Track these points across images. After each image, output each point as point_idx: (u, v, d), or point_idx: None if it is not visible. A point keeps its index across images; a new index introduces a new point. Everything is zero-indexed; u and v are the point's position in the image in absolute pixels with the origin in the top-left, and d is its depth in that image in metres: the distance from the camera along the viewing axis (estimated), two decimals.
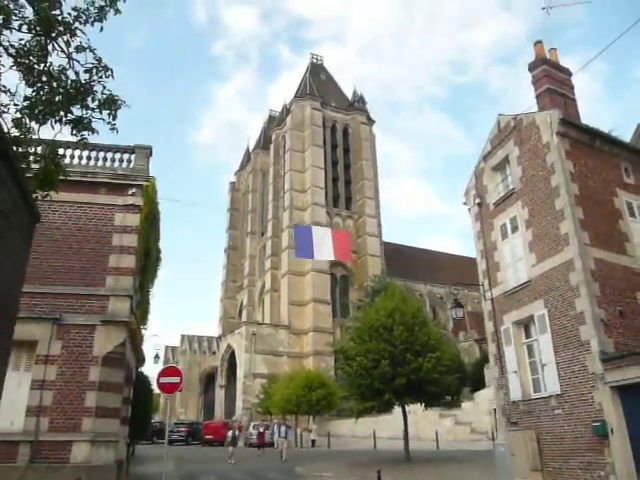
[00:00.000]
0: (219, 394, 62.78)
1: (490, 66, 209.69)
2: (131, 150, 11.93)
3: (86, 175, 11.28)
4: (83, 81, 5.93)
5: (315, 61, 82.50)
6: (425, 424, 36.62)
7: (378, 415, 45.98)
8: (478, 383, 39.84)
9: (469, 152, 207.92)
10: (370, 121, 77.00)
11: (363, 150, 72.64)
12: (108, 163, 11.75)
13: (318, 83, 75.90)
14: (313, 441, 29.51)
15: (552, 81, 13.28)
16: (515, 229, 13.30)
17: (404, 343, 18.01)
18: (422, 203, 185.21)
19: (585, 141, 12.39)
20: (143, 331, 14.27)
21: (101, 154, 11.80)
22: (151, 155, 11.99)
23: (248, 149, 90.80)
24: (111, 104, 5.89)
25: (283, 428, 20.67)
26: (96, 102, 5.92)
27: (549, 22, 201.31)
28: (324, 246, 12.52)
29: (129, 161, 11.85)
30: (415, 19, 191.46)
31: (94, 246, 10.94)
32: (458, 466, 16.72)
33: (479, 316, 60.28)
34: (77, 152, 11.65)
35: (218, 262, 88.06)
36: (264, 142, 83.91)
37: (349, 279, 66.69)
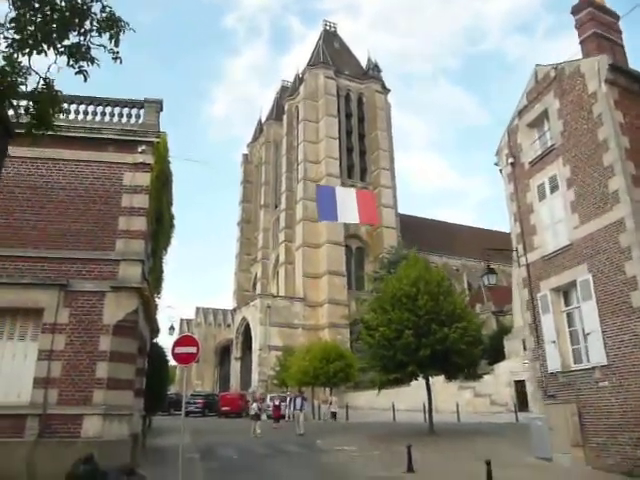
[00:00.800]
0: (235, 366, 62.90)
1: (506, 35, 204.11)
2: (140, 104, 11.03)
3: (92, 131, 10.43)
4: (79, 0, 5.03)
5: (328, 29, 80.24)
6: (444, 396, 36.12)
7: (397, 387, 45.94)
8: (497, 355, 39.20)
9: (483, 124, 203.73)
10: (385, 90, 75.04)
11: (378, 119, 70.95)
12: (115, 119, 10.88)
13: (332, 51, 73.90)
14: (334, 414, 28.71)
15: (598, 25, 12.06)
16: (555, 189, 12.27)
17: (429, 313, 17.19)
18: (436, 176, 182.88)
19: (635, 90, 11.24)
20: (157, 300, 13.62)
21: (108, 109, 10.92)
22: (162, 110, 11.07)
23: (260, 121, 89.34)
24: (112, 25, 4.98)
25: (299, 400, 19.68)
26: (95, 25, 5.01)
27: None
28: (348, 208, 11.61)
29: (138, 117, 10.97)
30: None
31: (102, 207, 10.15)
32: (485, 439, 16.04)
33: (496, 288, 59.28)
34: (82, 107, 10.79)
35: (232, 235, 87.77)
36: (277, 113, 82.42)
37: (364, 251, 65.90)
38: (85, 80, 5.16)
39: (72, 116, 10.71)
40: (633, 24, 14.21)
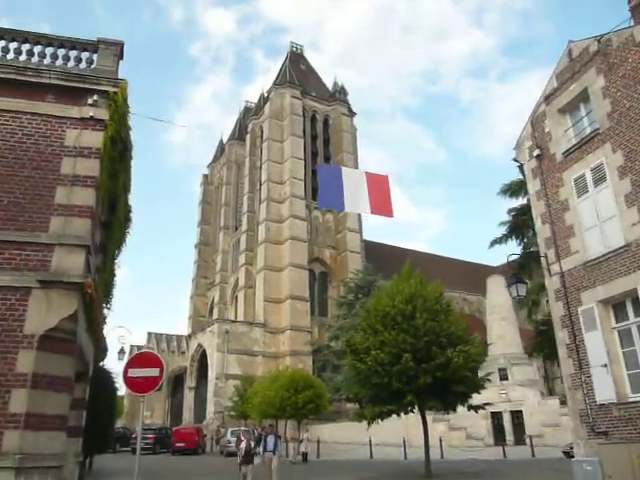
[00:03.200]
0: (188, 397, 58.58)
1: (462, 78, 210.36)
2: (93, 46, 8.36)
3: (25, 73, 7.71)
4: None
5: (295, 50, 79.11)
6: (417, 429, 33.45)
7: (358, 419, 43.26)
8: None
9: (439, 160, 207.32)
10: (351, 113, 73.98)
11: (344, 142, 69.57)
12: (59, 62, 8.20)
13: (298, 72, 72.54)
14: (305, 454, 24.03)
15: None
16: (600, 180, 10.23)
17: (428, 334, 14.81)
18: (395, 209, 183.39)
19: None
20: (105, 312, 10.74)
21: (49, 50, 8.23)
22: (122, 57, 8.49)
23: (222, 141, 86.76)
24: None
25: (271, 439, 15.31)
26: None
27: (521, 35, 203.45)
28: (357, 195, 9.28)
29: (90, 62, 8.33)
30: (390, 30, 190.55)
31: (33, 174, 7.34)
32: None
33: (469, 317, 57.55)
34: (14, 45, 8.07)
35: (189, 258, 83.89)
36: (239, 133, 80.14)
37: (328, 276, 63.50)
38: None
39: None
40: None
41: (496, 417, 33.86)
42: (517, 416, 33.04)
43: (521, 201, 38.93)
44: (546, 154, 11.68)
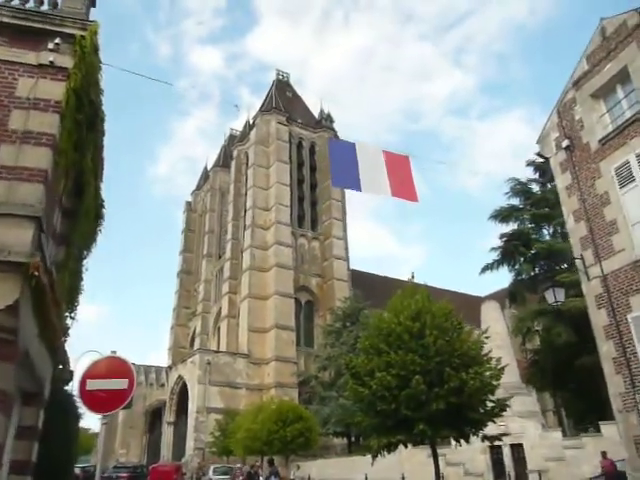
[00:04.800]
0: (167, 432, 55.44)
1: (442, 117, 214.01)
2: None
3: None
4: None
5: (281, 78, 78.85)
6: (412, 465, 31.52)
7: (353, 455, 40.80)
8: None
9: (421, 195, 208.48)
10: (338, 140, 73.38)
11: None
12: (16, 1, 6.66)
13: (284, 99, 72.06)
14: None
15: None
16: None
17: (440, 354, 13.14)
18: (376, 244, 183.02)
19: None
20: (69, 320, 8.94)
21: None
22: (94, 4, 7.00)
23: (206, 168, 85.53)
24: None
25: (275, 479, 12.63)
26: None
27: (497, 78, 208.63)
28: (375, 175, 7.82)
29: (55, 5, 6.80)
30: (371, 70, 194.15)
31: None
32: None
33: None
34: None
35: (169, 287, 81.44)
36: (224, 160, 79.07)
37: (314, 305, 61.57)
38: None
39: None
40: None
41: (495, 451, 31.87)
42: (517, 450, 31.06)
43: (512, 226, 38.10)
44: (577, 144, 10.37)
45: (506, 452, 30.92)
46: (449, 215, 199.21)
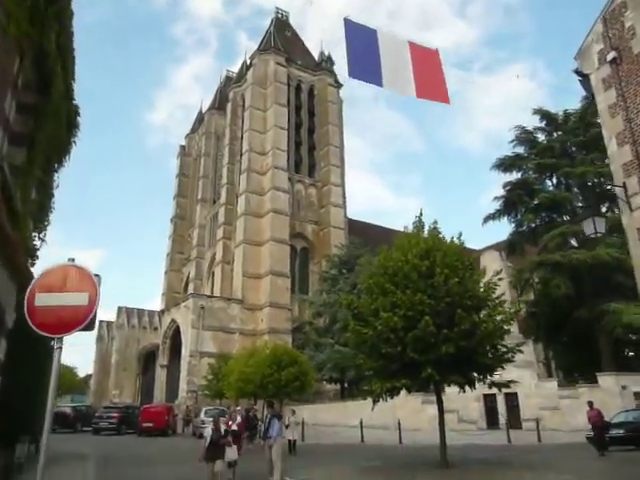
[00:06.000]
0: (160, 375, 55.54)
1: (445, 69, 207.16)
2: None
3: None
4: None
5: (280, 16, 75.15)
6: (406, 412, 31.31)
7: (347, 400, 40.85)
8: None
9: (419, 150, 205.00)
10: (338, 84, 70.57)
11: (330, 113, 66.35)
12: None
13: (283, 40, 68.76)
14: (293, 443, 17.53)
15: None
16: None
17: (451, 294, 12.14)
18: (373, 195, 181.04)
19: None
20: (38, 242, 7.76)
21: None
22: None
23: (201, 111, 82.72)
24: None
25: (276, 423, 10.94)
26: None
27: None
28: (399, 70, 6.57)
29: None
30: (376, 15, 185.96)
31: None
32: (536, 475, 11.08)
33: None
34: None
35: (163, 232, 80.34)
36: (220, 103, 76.26)
37: (309, 252, 60.70)
38: None
39: None
40: None
41: (489, 399, 31.77)
42: (512, 399, 30.85)
43: (515, 175, 36.86)
44: (626, 56, 9.00)
45: (500, 400, 30.75)
46: (445, 170, 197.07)
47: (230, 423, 11.14)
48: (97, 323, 67.39)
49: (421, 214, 14.38)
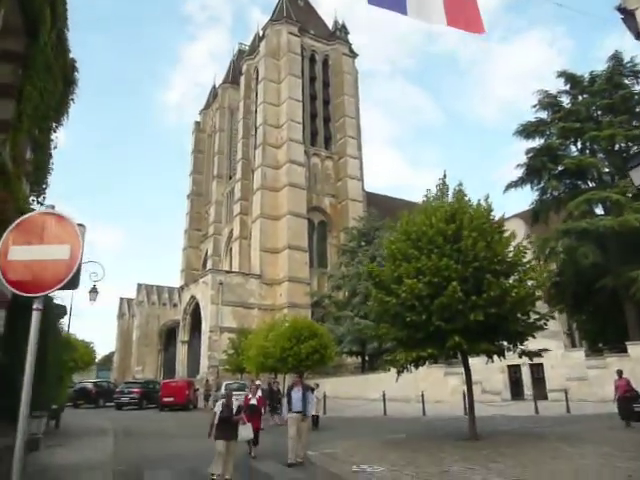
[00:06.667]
0: (181, 351, 55.97)
1: (461, 38, 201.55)
2: None
3: None
4: None
5: None
6: (427, 383, 30.89)
7: (368, 373, 40.58)
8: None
9: (437, 122, 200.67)
10: (353, 54, 68.99)
11: (345, 84, 64.93)
12: None
13: (296, 9, 67.09)
14: (316, 418, 16.45)
15: None
16: None
17: (479, 259, 11.41)
18: (391, 168, 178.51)
19: None
20: (33, 200, 7.22)
21: None
22: None
23: (214, 86, 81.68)
24: None
25: (297, 393, 10.09)
26: None
27: None
28: None
29: None
30: None
31: None
32: (574, 447, 10.46)
33: None
34: None
35: (181, 210, 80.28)
36: (233, 77, 75.22)
37: (327, 226, 60.11)
38: None
39: None
40: None
41: (513, 370, 31.14)
42: (537, 369, 30.18)
43: (538, 142, 35.52)
44: None
45: (525, 371, 30.12)
46: (464, 143, 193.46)
47: (249, 397, 10.67)
48: (118, 305, 67.42)
49: (445, 176, 13.55)
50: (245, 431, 8.57)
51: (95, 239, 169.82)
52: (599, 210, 32.87)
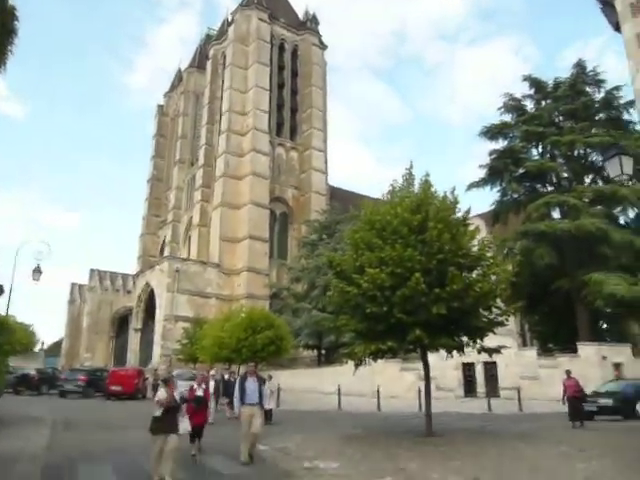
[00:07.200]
0: (133, 339, 54.35)
1: (429, 41, 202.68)
2: None
3: None
4: None
5: None
6: (383, 378, 30.78)
7: (323, 366, 40.25)
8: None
9: (403, 122, 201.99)
10: (323, 45, 68.30)
11: (314, 75, 64.23)
12: None
13: None
14: (269, 412, 15.23)
15: None
16: None
17: (443, 251, 11.08)
18: (357, 164, 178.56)
19: None
20: None
21: None
22: None
23: (180, 69, 79.47)
24: None
25: (253, 384, 9.32)
26: None
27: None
28: None
29: None
30: None
31: None
32: (533, 446, 10.28)
33: None
34: None
35: (139, 195, 78.05)
36: (199, 61, 73.43)
37: (289, 217, 59.41)
38: None
39: None
40: None
41: (467, 368, 31.41)
42: (491, 368, 30.50)
43: (501, 144, 36.01)
44: None
45: (479, 369, 30.37)
46: (429, 142, 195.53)
47: (195, 388, 9.88)
48: (69, 290, 64.46)
49: (411, 166, 13.20)
50: (184, 423, 7.84)
51: (49, 223, 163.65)
52: (556, 214, 33.56)
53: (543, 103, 36.46)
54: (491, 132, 35.97)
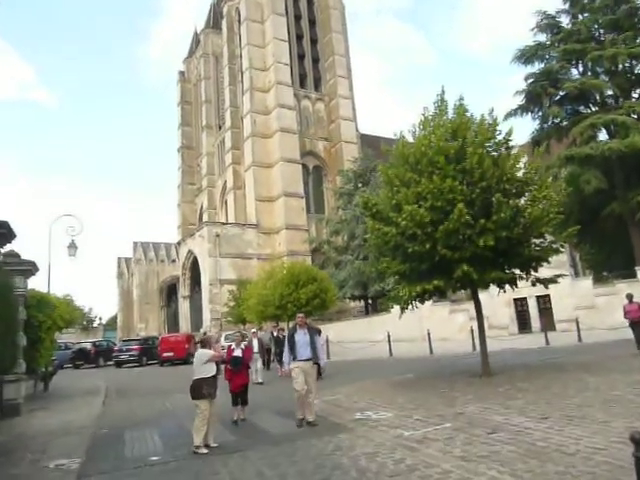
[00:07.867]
0: (183, 306, 55.54)
1: None
2: None
3: None
4: None
5: None
6: (432, 322, 30.23)
7: (370, 316, 39.99)
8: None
9: (430, 60, 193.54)
10: None
11: (332, 21, 61.75)
12: None
13: None
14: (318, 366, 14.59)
15: None
16: None
17: (486, 178, 10.13)
18: (384, 110, 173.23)
19: None
20: None
21: None
22: None
23: (196, 32, 77.95)
24: None
25: (303, 336, 8.28)
26: None
27: None
28: None
29: None
30: None
31: None
32: (599, 377, 9.54)
33: None
34: None
35: (171, 164, 78.30)
36: (214, 21, 71.62)
37: (322, 170, 58.44)
38: None
39: None
40: None
41: (519, 303, 30.48)
42: (544, 301, 29.46)
43: (537, 67, 33.59)
44: None
45: (532, 304, 29.42)
46: (457, 79, 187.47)
47: (232, 348, 9.42)
48: (116, 265, 66.06)
49: (443, 92, 12.06)
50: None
51: (87, 203, 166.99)
52: (603, 135, 31.44)
53: (580, 17, 33.59)
54: (526, 55, 33.51)
